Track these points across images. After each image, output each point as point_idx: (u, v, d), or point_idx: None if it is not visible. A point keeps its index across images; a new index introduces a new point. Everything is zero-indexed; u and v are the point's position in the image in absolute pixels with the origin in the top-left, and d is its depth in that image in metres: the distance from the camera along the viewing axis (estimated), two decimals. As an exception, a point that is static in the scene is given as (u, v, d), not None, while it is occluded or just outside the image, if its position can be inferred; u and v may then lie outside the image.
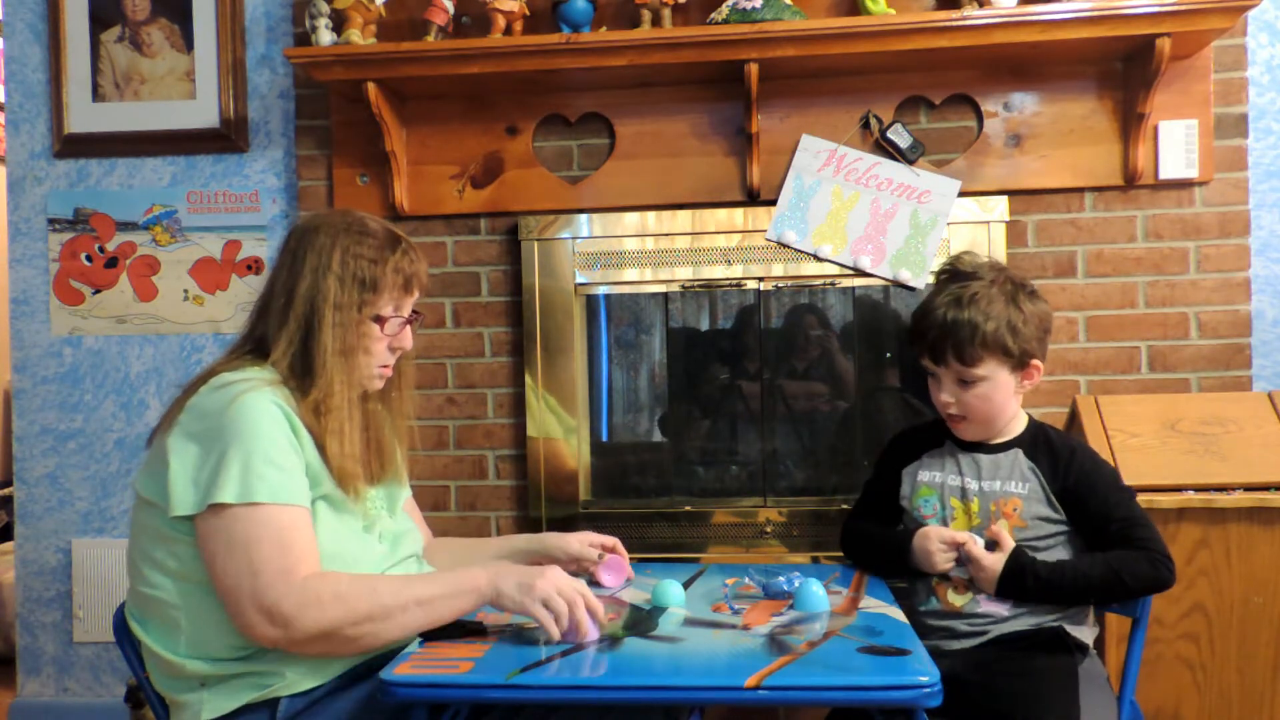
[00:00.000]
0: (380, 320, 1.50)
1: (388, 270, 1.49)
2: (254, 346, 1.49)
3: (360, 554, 1.45)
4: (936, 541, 1.65)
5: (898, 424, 2.46)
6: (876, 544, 1.78)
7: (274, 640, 1.31)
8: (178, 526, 1.36)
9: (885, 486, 1.80)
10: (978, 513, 1.67)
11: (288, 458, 1.36)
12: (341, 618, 1.30)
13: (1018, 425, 1.72)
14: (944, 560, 1.65)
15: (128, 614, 1.45)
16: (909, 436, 1.83)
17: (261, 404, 1.36)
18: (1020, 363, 1.65)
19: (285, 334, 1.45)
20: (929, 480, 1.73)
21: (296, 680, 1.35)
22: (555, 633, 1.33)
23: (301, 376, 1.43)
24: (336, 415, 1.43)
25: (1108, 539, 1.61)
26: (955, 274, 1.71)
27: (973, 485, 1.68)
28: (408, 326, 1.55)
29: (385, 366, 1.54)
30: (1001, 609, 1.63)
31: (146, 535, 1.41)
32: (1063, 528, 1.64)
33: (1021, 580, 1.59)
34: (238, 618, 1.31)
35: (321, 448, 1.42)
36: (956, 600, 1.66)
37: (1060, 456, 1.67)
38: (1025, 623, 1.62)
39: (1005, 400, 1.67)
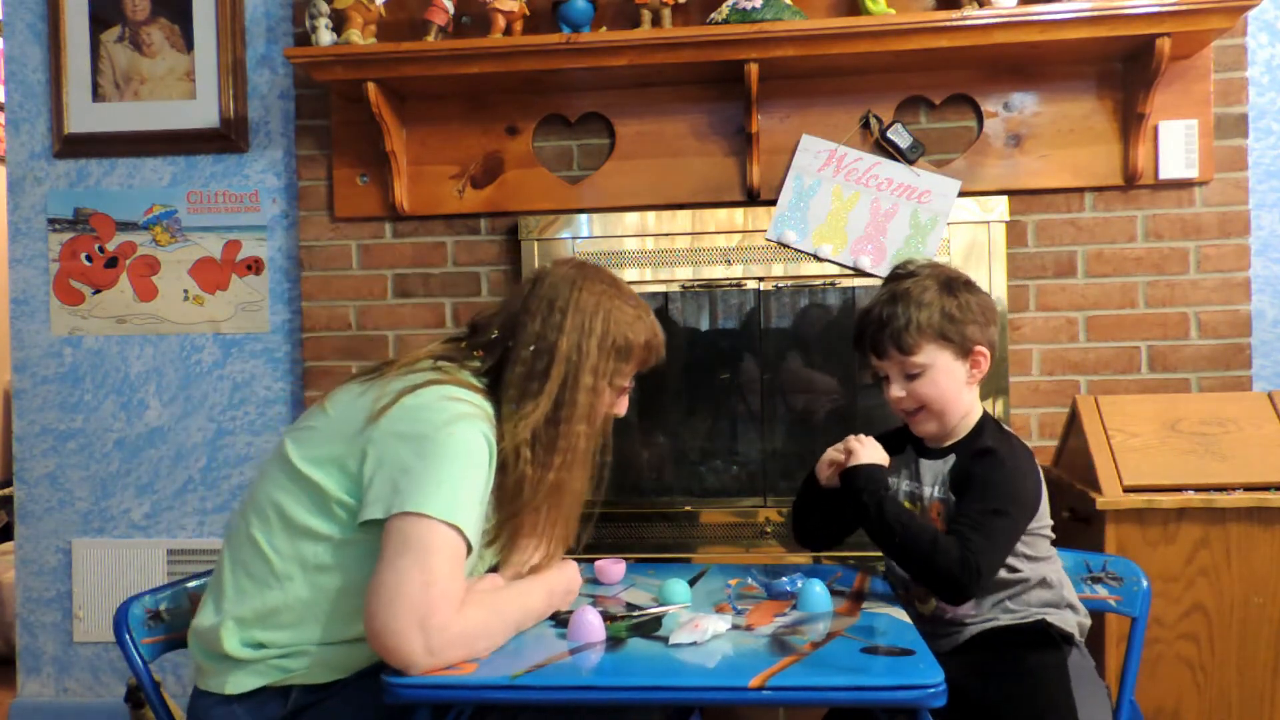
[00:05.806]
0: (620, 390, 1.49)
1: (641, 339, 1.47)
2: (486, 373, 1.44)
3: None
4: (827, 454, 1.71)
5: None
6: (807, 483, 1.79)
7: (408, 652, 1.24)
8: (343, 520, 1.33)
9: None
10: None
11: (482, 499, 1.34)
12: (481, 649, 1.29)
13: (969, 423, 1.69)
14: (824, 467, 1.70)
15: (224, 557, 1.40)
16: (881, 441, 1.81)
17: (479, 437, 1.33)
18: (963, 349, 1.64)
19: (545, 392, 1.39)
20: (892, 486, 1.72)
21: (316, 674, 1.36)
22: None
23: (545, 436, 1.40)
24: (560, 473, 1.42)
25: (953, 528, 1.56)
26: (893, 276, 1.72)
27: (919, 490, 1.69)
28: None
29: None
30: (967, 610, 1.61)
31: (298, 505, 1.35)
32: None
33: (855, 474, 1.61)
34: (383, 618, 1.23)
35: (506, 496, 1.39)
36: (924, 610, 1.65)
37: (974, 455, 1.62)
38: (1003, 620, 1.61)
39: (956, 390, 1.65)
